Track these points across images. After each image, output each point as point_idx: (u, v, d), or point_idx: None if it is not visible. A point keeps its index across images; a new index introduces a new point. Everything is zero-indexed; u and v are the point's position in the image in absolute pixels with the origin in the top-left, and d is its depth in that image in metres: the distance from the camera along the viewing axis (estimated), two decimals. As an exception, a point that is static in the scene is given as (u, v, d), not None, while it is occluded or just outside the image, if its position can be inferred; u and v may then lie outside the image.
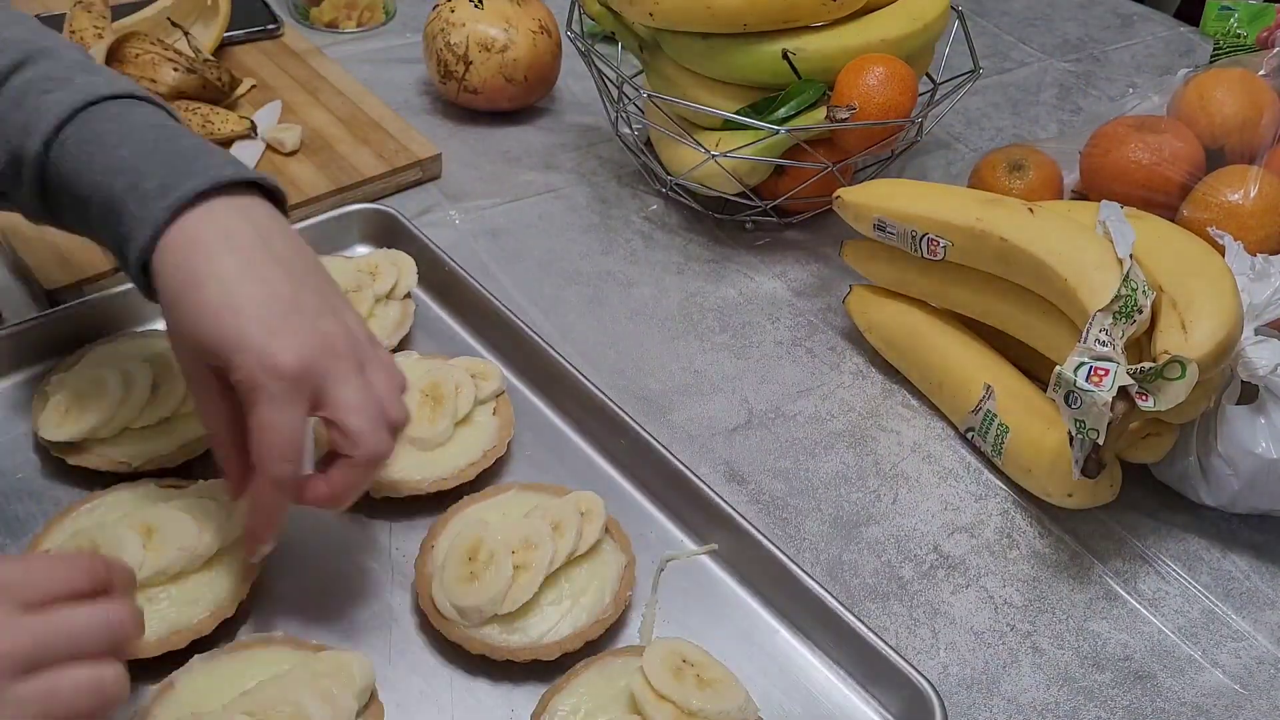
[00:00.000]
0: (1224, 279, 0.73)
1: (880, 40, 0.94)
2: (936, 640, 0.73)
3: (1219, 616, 0.76)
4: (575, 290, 0.95)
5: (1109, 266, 0.73)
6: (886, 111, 0.90)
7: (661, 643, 0.65)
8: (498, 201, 1.02)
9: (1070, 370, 0.68)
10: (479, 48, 1.06)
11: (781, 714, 0.67)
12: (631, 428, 0.77)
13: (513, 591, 0.66)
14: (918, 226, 0.84)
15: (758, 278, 0.98)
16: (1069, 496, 0.76)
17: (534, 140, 1.10)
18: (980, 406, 0.82)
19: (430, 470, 0.74)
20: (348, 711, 0.60)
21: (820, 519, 0.79)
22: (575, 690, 0.64)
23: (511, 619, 0.66)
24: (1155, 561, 0.79)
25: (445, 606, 0.66)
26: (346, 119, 1.05)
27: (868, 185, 0.90)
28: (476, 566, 0.66)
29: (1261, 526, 0.81)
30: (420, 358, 0.81)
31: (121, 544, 0.64)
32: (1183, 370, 0.67)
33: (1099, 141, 0.93)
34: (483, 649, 0.66)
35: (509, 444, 0.77)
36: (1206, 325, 0.70)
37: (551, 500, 0.72)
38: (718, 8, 0.90)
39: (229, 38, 1.11)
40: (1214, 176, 0.87)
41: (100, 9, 1.05)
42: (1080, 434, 0.68)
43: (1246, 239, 0.79)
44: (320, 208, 0.96)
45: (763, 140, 0.91)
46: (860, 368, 0.91)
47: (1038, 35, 1.39)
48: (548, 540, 0.68)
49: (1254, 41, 1.21)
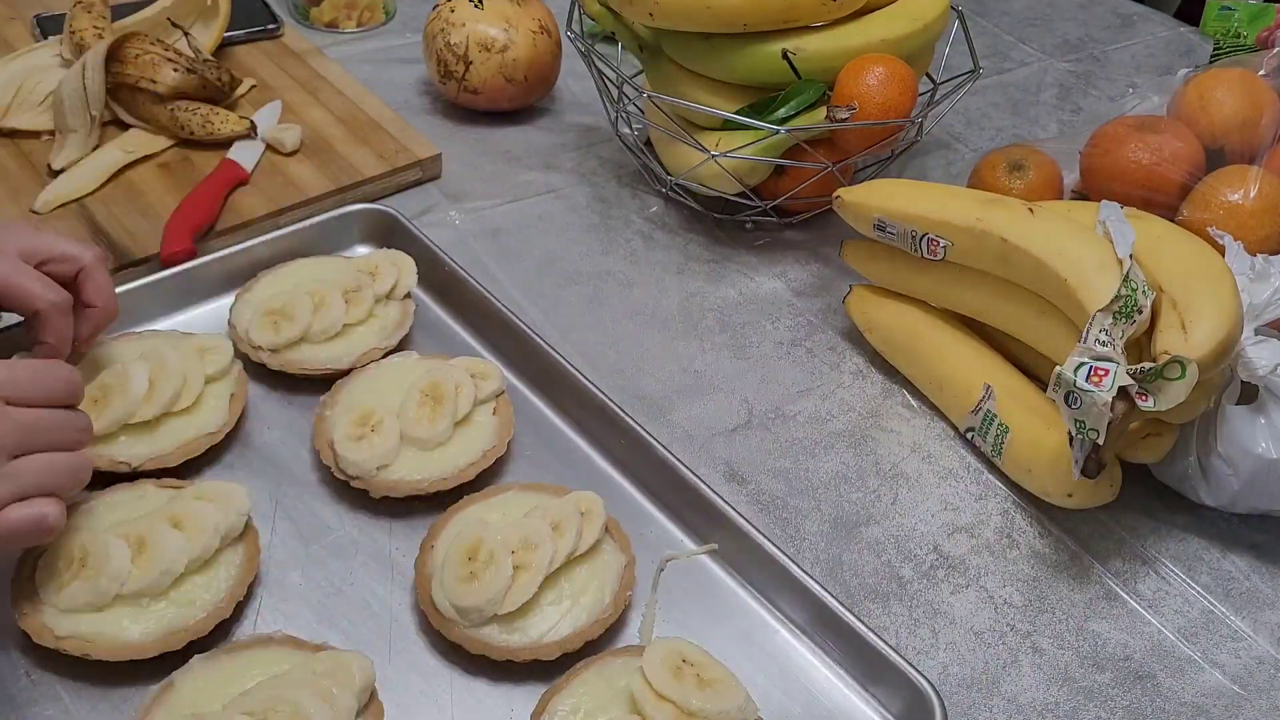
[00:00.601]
0: (1224, 279, 0.73)
1: (880, 40, 0.94)
2: (936, 640, 0.73)
3: (1218, 617, 0.76)
4: (575, 290, 0.95)
5: (1109, 267, 0.73)
6: (886, 111, 0.90)
7: (661, 643, 0.65)
8: (498, 201, 1.02)
9: (1070, 370, 0.68)
10: (479, 48, 1.06)
11: (781, 714, 0.67)
12: (631, 428, 0.77)
13: (512, 591, 0.66)
14: (918, 226, 0.84)
15: (758, 278, 0.98)
16: (1069, 496, 0.76)
17: (534, 140, 1.11)
18: (980, 406, 0.82)
19: (430, 470, 0.74)
20: (348, 711, 0.60)
21: (820, 519, 0.79)
22: (575, 690, 0.64)
23: (511, 619, 0.67)
24: (1155, 562, 0.79)
25: (445, 606, 0.66)
26: (346, 119, 1.05)
27: (868, 185, 0.90)
28: (476, 566, 0.66)
29: (1261, 527, 0.81)
30: (420, 358, 0.81)
31: (109, 554, 0.65)
32: (1183, 370, 0.67)
33: (1099, 141, 0.93)
34: (482, 649, 0.66)
35: (509, 444, 0.77)
36: (1206, 325, 0.70)
37: (551, 500, 0.72)
38: (718, 8, 0.90)
39: (229, 38, 1.12)
40: (1214, 176, 0.87)
41: (100, 9, 1.05)
42: (1080, 434, 0.68)
43: (1246, 239, 0.79)
44: (320, 208, 0.96)
45: (763, 140, 0.91)
46: (860, 368, 0.91)
47: (1038, 35, 1.39)
48: (548, 540, 0.68)
49: (1254, 41, 1.21)
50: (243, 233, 0.93)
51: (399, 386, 0.78)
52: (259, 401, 0.81)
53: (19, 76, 1.01)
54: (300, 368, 0.81)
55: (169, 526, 0.67)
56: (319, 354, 0.81)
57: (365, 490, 0.74)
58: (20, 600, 0.65)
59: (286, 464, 0.77)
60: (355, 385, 0.79)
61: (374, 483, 0.73)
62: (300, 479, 0.76)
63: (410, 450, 0.75)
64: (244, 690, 0.61)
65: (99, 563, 0.64)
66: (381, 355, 0.82)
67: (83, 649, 0.63)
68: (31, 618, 0.64)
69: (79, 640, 0.63)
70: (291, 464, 0.77)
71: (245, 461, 0.77)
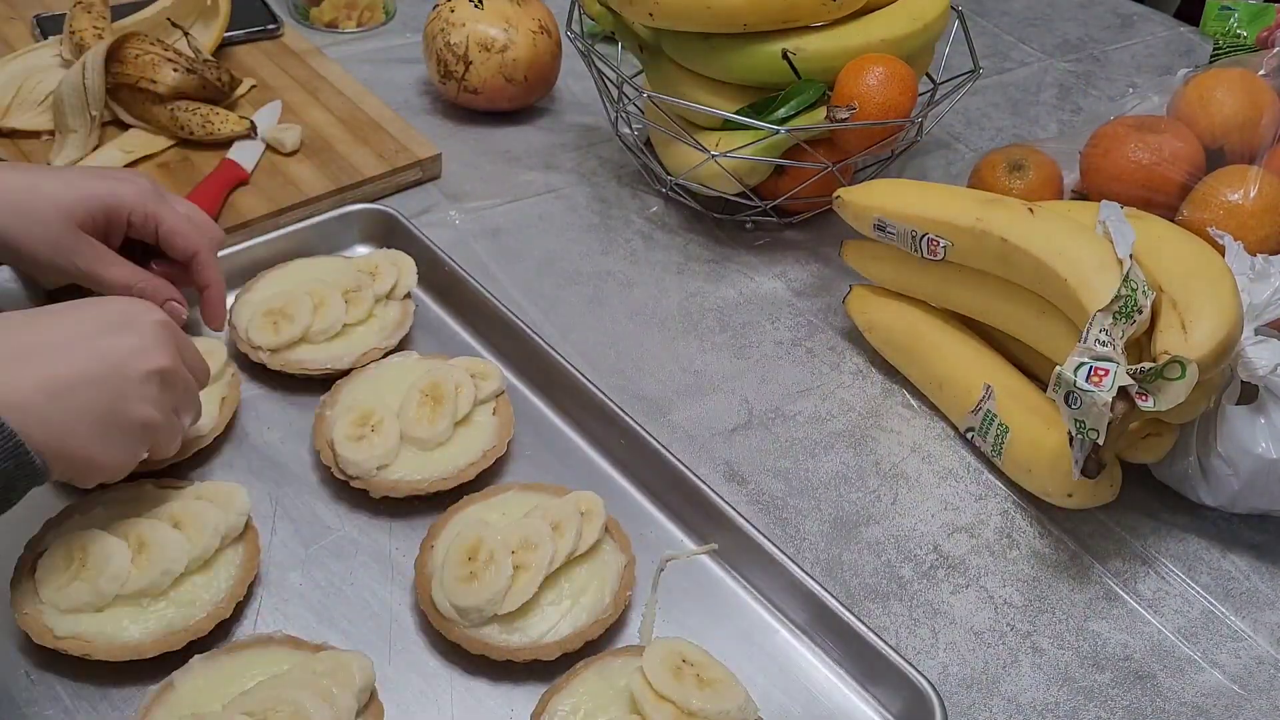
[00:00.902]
0: (1224, 279, 0.73)
1: (880, 40, 0.94)
2: (936, 640, 0.73)
3: (1218, 617, 0.76)
4: (575, 290, 0.95)
5: (1109, 267, 0.73)
6: (886, 111, 0.90)
7: (661, 643, 0.65)
8: (498, 201, 1.02)
9: (1070, 370, 0.68)
10: (479, 48, 1.06)
11: (781, 714, 0.67)
12: (631, 427, 0.78)
13: (512, 591, 0.66)
14: (918, 226, 0.84)
15: (758, 278, 0.98)
16: (1069, 496, 0.76)
17: (534, 140, 1.11)
18: (980, 406, 0.82)
19: (430, 470, 0.74)
20: (348, 711, 0.60)
21: (820, 519, 0.79)
22: (575, 690, 0.64)
23: (511, 619, 0.67)
24: (1155, 562, 0.79)
25: (445, 606, 0.66)
26: (346, 119, 1.05)
27: (868, 185, 0.90)
28: (476, 566, 0.67)
29: (1261, 526, 0.81)
30: (420, 358, 0.81)
31: (109, 554, 0.65)
32: (1183, 370, 0.67)
33: (1099, 141, 0.93)
34: (482, 649, 0.66)
35: (509, 444, 0.77)
36: (1206, 325, 0.70)
37: (551, 500, 0.72)
38: (718, 8, 0.90)
39: (229, 38, 1.11)
40: (1214, 176, 0.87)
41: (100, 9, 1.05)
42: (1080, 434, 0.68)
43: (1246, 239, 0.79)
44: (320, 208, 0.96)
45: (763, 140, 0.91)
46: (860, 368, 0.91)
47: (1038, 35, 1.39)
48: (548, 540, 0.68)
49: (1254, 41, 1.21)
50: (243, 232, 0.93)
51: (399, 386, 0.78)
52: (258, 401, 0.81)
53: (19, 77, 1.01)
54: (300, 368, 0.81)
55: (169, 527, 0.67)
56: (318, 354, 0.81)
57: (365, 490, 0.74)
58: (20, 600, 0.64)
59: (286, 464, 0.77)
60: (355, 385, 0.79)
61: (374, 483, 0.73)
62: (300, 479, 0.76)
63: (410, 450, 0.75)
64: (244, 690, 0.61)
65: (99, 563, 0.64)
66: (381, 355, 0.82)
67: (83, 649, 0.63)
68: (31, 618, 0.64)
69: (79, 640, 0.63)
70: (291, 464, 0.77)
71: (245, 462, 0.77)
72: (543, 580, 0.67)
